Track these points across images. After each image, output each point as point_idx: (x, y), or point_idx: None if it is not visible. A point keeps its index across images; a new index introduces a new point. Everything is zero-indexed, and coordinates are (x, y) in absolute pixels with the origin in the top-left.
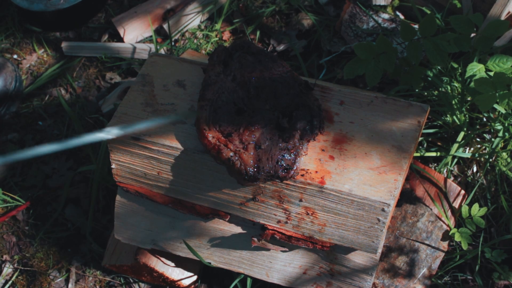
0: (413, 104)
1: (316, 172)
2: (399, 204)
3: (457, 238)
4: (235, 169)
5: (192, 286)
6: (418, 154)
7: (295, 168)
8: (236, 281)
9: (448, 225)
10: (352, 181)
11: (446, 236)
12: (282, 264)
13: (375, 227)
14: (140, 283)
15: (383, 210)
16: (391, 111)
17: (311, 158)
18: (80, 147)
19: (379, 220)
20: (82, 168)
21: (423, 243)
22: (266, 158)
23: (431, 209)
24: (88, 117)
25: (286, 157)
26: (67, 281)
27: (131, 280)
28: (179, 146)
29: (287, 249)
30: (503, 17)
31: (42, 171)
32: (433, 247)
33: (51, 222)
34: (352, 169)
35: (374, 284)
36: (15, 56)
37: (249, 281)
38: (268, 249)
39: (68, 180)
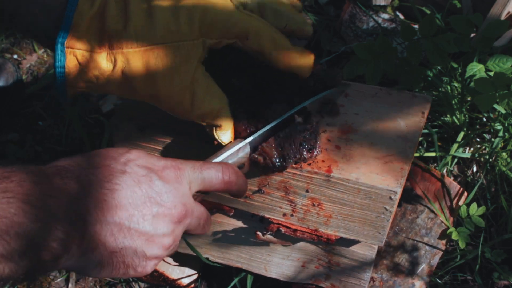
0: (417, 95)
1: (323, 161)
2: (399, 201)
3: (454, 237)
4: (261, 165)
5: (192, 285)
6: (418, 154)
7: (317, 148)
8: (236, 280)
9: (446, 224)
10: (359, 170)
11: (445, 234)
12: (281, 257)
13: (382, 217)
14: (140, 283)
15: (390, 198)
16: (395, 102)
17: None
18: (79, 147)
19: (386, 209)
20: None
21: (422, 242)
22: (289, 144)
23: (430, 206)
24: (88, 117)
25: (308, 138)
26: (67, 281)
27: (131, 280)
28: (184, 137)
29: (290, 243)
30: (503, 17)
31: None
32: (432, 246)
33: None
34: (358, 158)
35: (372, 278)
36: (15, 56)
37: (249, 279)
38: (268, 244)
39: None
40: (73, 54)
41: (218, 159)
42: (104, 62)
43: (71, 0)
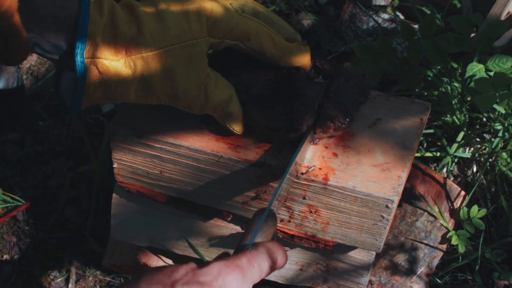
0: (415, 102)
1: (320, 169)
2: (399, 203)
3: (454, 241)
4: (333, 130)
5: None
6: (418, 154)
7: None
8: None
9: (446, 227)
10: (355, 178)
11: (445, 238)
12: None
13: (379, 225)
14: None
15: (387, 206)
16: (393, 108)
17: (314, 155)
18: (79, 147)
19: (383, 217)
20: (82, 168)
21: (422, 242)
22: (345, 97)
23: (430, 209)
24: (88, 117)
25: (356, 83)
26: (67, 281)
27: None
28: (182, 143)
29: (288, 248)
30: (503, 17)
31: (42, 171)
32: (432, 246)
33: (51, 222)
34: (355, 166)
35: (370, 281)
36: None
37: None
38: None
39: (68, 180)
40: (93, 64)
41: (254, 238)
42: (123, 68)
43: (83, 11)
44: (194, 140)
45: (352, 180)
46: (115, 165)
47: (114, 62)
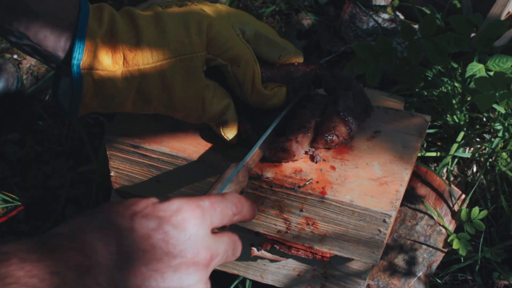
0: (414, 115)
1: (317, 182)
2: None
3: (455, 245)
4: (335, 143)
5: None
6: (419, 154)
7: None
8: (236, 282)
9: (447, 230)
10: (353, 192)
11: (445, 243)
12: (276, 266)
13: (376, 238)
14: None
15: (384, 221)
16: (392, 121)
17: (312, 168)
18: (79, 147)
19: (380, 231)
20: (82, 168)
21: (424, 243)
22: (352, 113)
23: (430, 213)
24: (88, 117)
25: (359, 99)
26: None
27: None
28: (179, 154)
29: (285, 259)
30: (503, 17)
31: (42, 171)
32: (432, 247)
33: (51, 222)
34: (353, 179)
35: (368, 285)
36: (15, 56)
37: (248, 282)
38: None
39: (68, 180)
40: (89, 75)
41: (222, 189)
42: (120, 80)
43: (82, 21)
44: (191, 151)
45: (349, 194)
46: (112, 174)
47: (111, 73)
